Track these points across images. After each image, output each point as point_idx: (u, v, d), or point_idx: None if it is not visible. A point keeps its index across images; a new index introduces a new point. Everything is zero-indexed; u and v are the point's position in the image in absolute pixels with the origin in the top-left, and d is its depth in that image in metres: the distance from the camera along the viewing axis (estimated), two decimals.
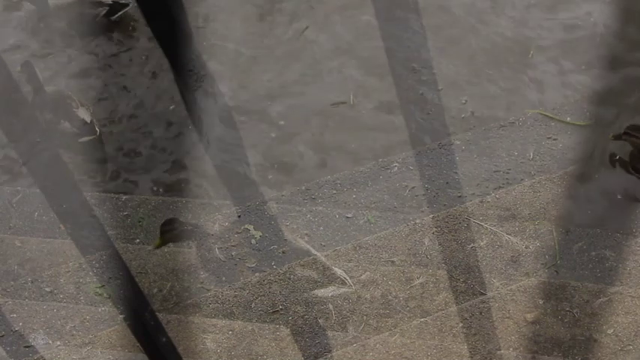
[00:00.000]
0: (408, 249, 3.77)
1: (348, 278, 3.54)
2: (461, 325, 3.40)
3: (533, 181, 4.03)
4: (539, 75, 4.65)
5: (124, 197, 4.25)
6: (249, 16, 5.14)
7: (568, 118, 4.32)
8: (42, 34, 5.14)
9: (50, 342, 3.61)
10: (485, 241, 3.75)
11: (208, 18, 5.12)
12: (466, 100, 4.60)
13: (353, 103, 4.65)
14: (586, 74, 4.61)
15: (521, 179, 4.09)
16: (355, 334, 3.48)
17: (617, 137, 3.95)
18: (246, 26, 5.09)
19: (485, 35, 4.86)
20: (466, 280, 3.61)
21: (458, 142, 4.29)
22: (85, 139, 4.59)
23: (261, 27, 5.07)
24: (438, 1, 5.04)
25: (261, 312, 3.59)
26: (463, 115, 4.54)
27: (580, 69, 4.63)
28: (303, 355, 3.44)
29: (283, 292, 3.63)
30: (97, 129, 4.58)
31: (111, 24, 5.13)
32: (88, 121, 4.57)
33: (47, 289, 3.81)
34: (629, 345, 3.30)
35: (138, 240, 4.02)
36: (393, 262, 3.73)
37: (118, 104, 4.80)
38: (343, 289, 3.52)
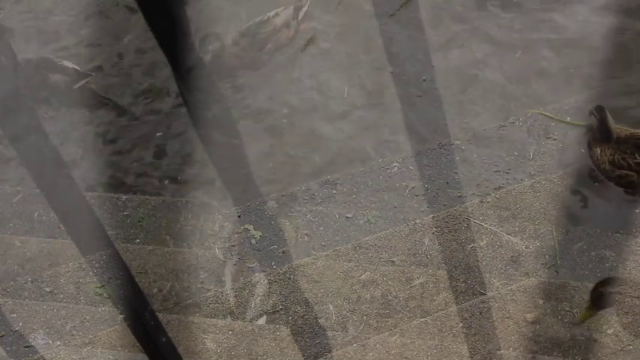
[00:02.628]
0: (408, 249, 3.77)
1: None
2: (461, 325, 3.40)
3: (533, 181, 4.02)
4: (539, 74, 4.65)
5: (124, 197, 4.26)
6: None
7: (568, 118, 4.32)
8: None
9: (50, 342, 3.61)
10: (485, 241, 3.75)
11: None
12: (466, 100, 4.60)
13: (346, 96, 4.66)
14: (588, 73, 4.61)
15: (521, 179, 4.09)
16: (355, 334, 3.48)
17: (590, 113, 4.05)
18: None
19: (484, 36, 4.86)
20: (466, 280, 3.61)
21: (458, 142, 4.29)
22: (81, 83, 4.77)
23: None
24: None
25: (261, 312, 3.59)
26: (463, 115, 4.54)
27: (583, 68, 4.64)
28: (303, 355, 3.44)
29: (283, 292, 3.63)
30: (88, 72, 4.81)
31: None
32: (78, 68, 4.79)
33: (47, 289, 3.81)
34: (629, 345, 3.29)
35: (138, 240, 4.02)
36: (393, 262, 3.73)
37: None
38: None
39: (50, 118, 4.78)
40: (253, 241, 3.89)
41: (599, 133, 3.97)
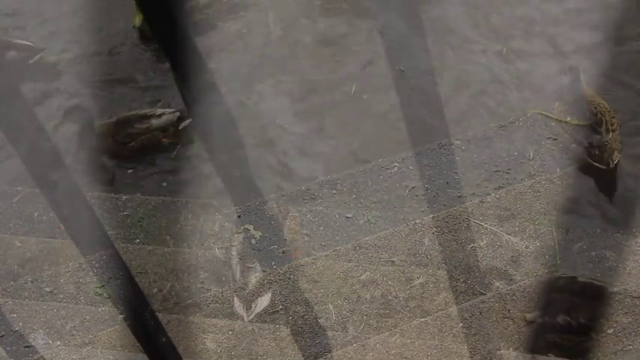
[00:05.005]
0: (408, 249, 3.77)
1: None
2: (461, 325, 3.40)
3: (533, 181, 4.02)
4: (538, 74, 4.65)
5: (124, 197, 4.25)
6: None
7: (568, 118, 4.32)
8: None
9: (50, 342, 3.61)
10: (485, 241, 3.74)
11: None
12: (466, 99, 4.60)
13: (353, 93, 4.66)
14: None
15: (521, 179, 4.09)
16: (355, 334, 3.48)
17: None
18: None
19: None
20: (466, 280, 3.61)
21: (458, 142, 4.29)
22: (36, 57, 4.92)
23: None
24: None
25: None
26: (463, 116, 4.54)
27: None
28: (303, 355, 3.44)
29: (283, 292, 3.63)
30: (41, 47, 4.96)
31: None
32: (31, 44, 4.96)
33: (47, 289, 3.81)
34: (629, 345, 3.29)
35: (138, 240, 4.02)
36: (393, 262, 3.73)
37: None
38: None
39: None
40: (253, 241, 3.89)
41: (569, 94, 4.05)
